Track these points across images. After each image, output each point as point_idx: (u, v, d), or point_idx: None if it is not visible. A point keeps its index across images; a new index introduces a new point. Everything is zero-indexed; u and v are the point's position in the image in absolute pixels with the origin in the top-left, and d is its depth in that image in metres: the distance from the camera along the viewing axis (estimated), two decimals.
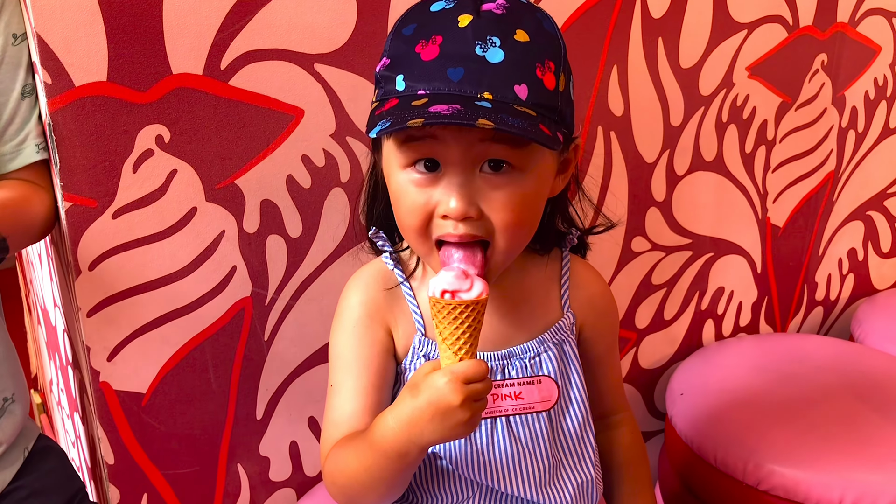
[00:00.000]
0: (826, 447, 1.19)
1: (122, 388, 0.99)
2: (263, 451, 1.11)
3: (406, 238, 0.80)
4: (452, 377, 0.70)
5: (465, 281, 0.72)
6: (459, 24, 0.72)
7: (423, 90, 0.71)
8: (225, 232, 1.00)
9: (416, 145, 0.73)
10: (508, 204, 0.74)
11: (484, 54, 0.71)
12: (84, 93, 0.87)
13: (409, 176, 0.75)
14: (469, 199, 0.73)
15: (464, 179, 0.73)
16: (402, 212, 0.76)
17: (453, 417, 0.70)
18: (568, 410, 0.87)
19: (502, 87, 0.71)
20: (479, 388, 0.71)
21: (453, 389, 0.69)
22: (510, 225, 0.75)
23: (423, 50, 0.72)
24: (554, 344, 0.86)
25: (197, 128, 0.94)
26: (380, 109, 0.73)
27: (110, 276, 0.95)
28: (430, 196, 0.74)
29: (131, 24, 0.88)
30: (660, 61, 1.26)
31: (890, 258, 1.74)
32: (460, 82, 0.71)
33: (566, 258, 0.90)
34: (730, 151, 1.40)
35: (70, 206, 0.90)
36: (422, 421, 0.71)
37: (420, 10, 0.76)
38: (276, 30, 0.95)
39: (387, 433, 0.73)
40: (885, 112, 1.58)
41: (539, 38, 0.74)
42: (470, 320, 0.71)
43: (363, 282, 0.85)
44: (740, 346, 1.49)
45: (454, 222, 0.73)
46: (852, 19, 1.45)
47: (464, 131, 0.71)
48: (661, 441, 1.51)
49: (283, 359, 1.09)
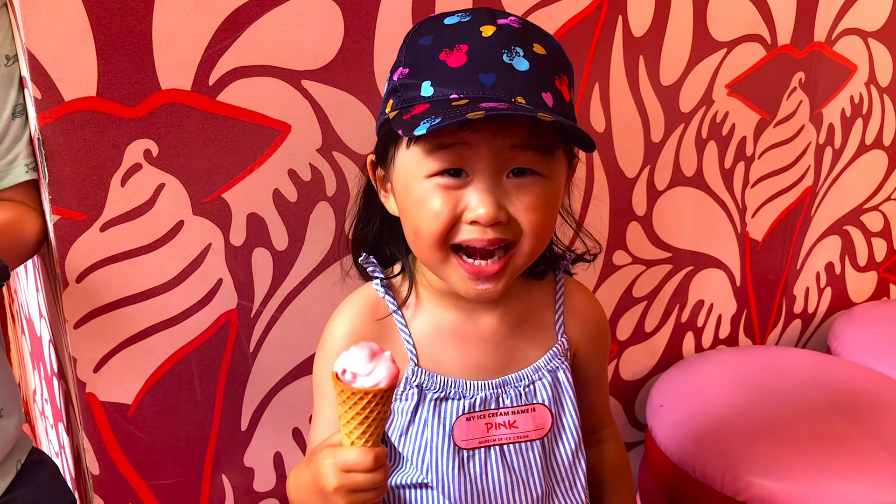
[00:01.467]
0: (803, 458, 1.21)
1: (108, 399, 1.00)
2: (248, 462, 1.12)
3: (419, 249, 0.78)
4: (333, 462, 0.69)
5: (367, 364, 0.67)
6: (483, 34, 0.73)
7: (455, 94, 0.71)
8: (211, 245, 1.01)
9: (446, 153, 0.73)
10: (535, 205, 0.75)
11: (511, 62, 0.72)
12: (73, 108, 0.88)
13: (435, 181, 0.74)
14: (498, 203, 0.73)
15: (493, 184, 0.73)
16: (425, 216, 0.75)
17: (329, 499, 0.70)
18: (561, 438, 0.87)
19: (532, 93, 0.72)
20: (360, 479, 0.69)
21: (331, 474, 0.69)
22: (537, 226, 0.75)
23: (448, 57, 0.73)
24: (549, 371, 0.86)
25: (185, 142, 0.96)
26: (408, 114, 0.72)
27: (97, 288, 0.95)
28: (457, 200, 0.74)
29: (121, 40, 0.89)
30: (641, 79, 1.28)
31: (866, 272, 1.78)
32: (494, 87, 0.71)
33: (560, 281, 0.90)
34: (709, 167, 1.42)
35: (58, 219, 0.91)
36: (308, 490, 0.74)
37: (434, 23, 0.77)
38: (263, 46, 0.97)
39: (290, 489, 0.80)
40: (861, 129, 1.62)
41: (553, 52, 0.76)
42: (360, 408, 0.67)
43: (351, 311, 0.84)
44: (719, 358, 1.51)
45: (482, 227, 0.73)
46: (829, 39, 1.48)
47: (496, 138, 0.72)
48: (641, 452, 1.53)
49: (268, 370, 1.10)
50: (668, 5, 1.26)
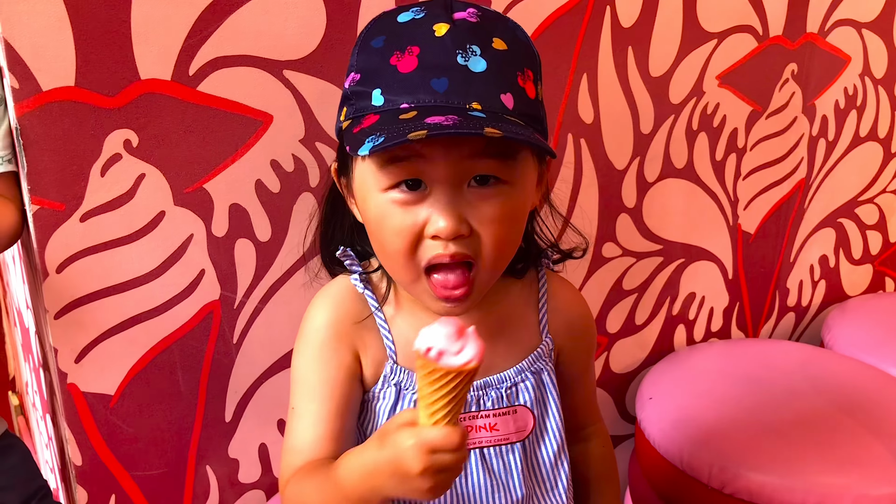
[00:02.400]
0: (791, 451, 1.21)
1: (90, 390, 1.00)
2: (233, 454, 1.12)
3: (389, 266, 0.76)
4: (418, 442, 0.64)
5: (455, 342, 0.63)
6: (436, 34, 0.69)
7: (406, 103, 0.68)
8: (193, 235, 1.01)
9: (402, 165, 0.69)
10: (498, 217, 0.71)
11: (466, 63, 0.68)
12: (52, 97, 0.88)
13: (391, 197, 0.71)
14: (459, 216, 0.69)
15: (452, 196, 0.70)
16: (387, 235, 0.72)
17: (412, 483, 0.65)
18: (543, 440, 0.85)
19: (489, 96, 0.68)
20: (447, 459, 0.64)
21: (415, 455, 0.63)
22: (500, 239, 0.72)
23: (399, 62, 0.69)
24: (532, 373, 0.84)
25: (165, 133, 0.95)
26: (358, 127, 0.69)
27: (78, 278, 0.95)
28: (416, 216, 0.70)
29: (99, 29, 0.89)
30: (630, 70, 1.27)
31: (861, 265, 1.77)
32: (447, 93, 0.67)
33: (543, 279, 0.87)
34: (700, 159, 1.42)
35: (37, 209, 0.91)
36: (381, 475, 0.66)
37: (386, 21, 0.73)
38: (244, 36, 0.97)
39: (351, 475, 0.70)
40: (855, 121, 1.61)
41: (515, 46, 0.72)
42: (450, 388, 0.63)
43: (331, 300, 0.81)
44: (711, 350, 1.50)
45: (444, 242, 0.70)
46: (822, 30, 1.47)
47: (453, 147, 0.68)
48: (632, 445, 1.52)
49: (252, 362, 1.09)
50: None
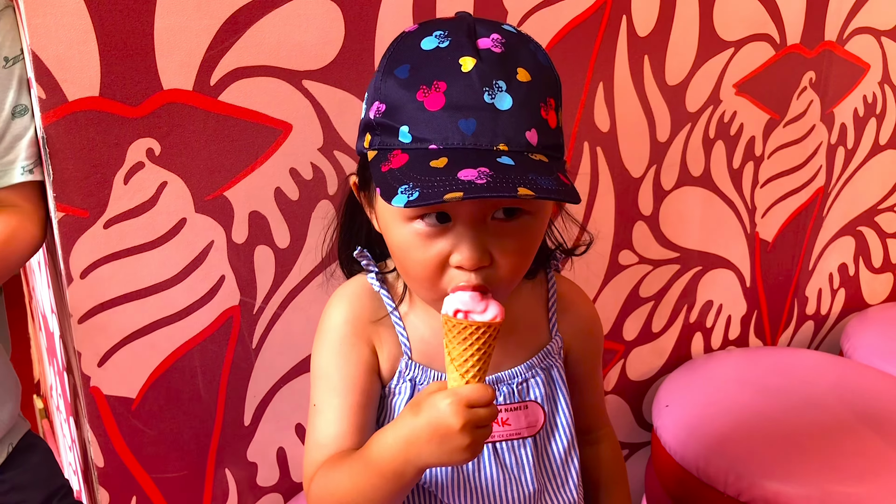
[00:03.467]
0: (808, 460, 1.20)
1: (112, 393, 1.02)
2: (251, 457, 1.14)
3: (412, 287, 0.79)
4: (455, 399, 0.67)
5: (479, 302, 0.70)
6: (463, 69, 0.69)
7: (434, 145, 0.69)
8: (214, 242, 1.03)
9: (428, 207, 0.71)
10: (519, 249, 0.74)
11: (493, 101, 0.69)
12: (77, 107, 0.90)
13: (416, 228, 0.72)
14: (483, 249, 0.71)
15: (476, 230, 0.71)
16: (411, 264, 0.74)
17: (452, 441, 0.67)
18: (554, 435, 0.87)
19: (515, 135, 0.69)
20: (483, 413, 0.68)
21: (455, 412, 0.67)
22: (518, 267, 0.75)
23: (426, 98, 0.69)
24: (542, 369, 0.86)
25: (187, 141, 0.97)
26: (387, 165, 0.70)
27: (101, 284, 0.97)
28: (441, 247, 0.72)
29: (123, 41, 0.91)
30: (646, 78, 1.28)
31: (881, 273, 1.76)
32: (475, 135, 0.68)
33: (552, 280, 0.89)
34: (717, 167, 1.42)
35: (62, 216, 0.93)
36: (420, 441, 0.68)
37: (410, 47, 0.73)
38: (264, 47, 0.98)
39: (384, 451, 0.71)
40: (874, 129, 1.60)
41: (538, 74, 0.72)
42: (480, 343, 0.69)
43: (348, 298, 0.83)
44: (728, 358, 1.50)
45: (468, 274, 0.72)
46: (840, 38, 1.47)
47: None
48: (648, 452, 1.52)
49: (271, 366, 1.11)
50: (673, 5, 1.26)
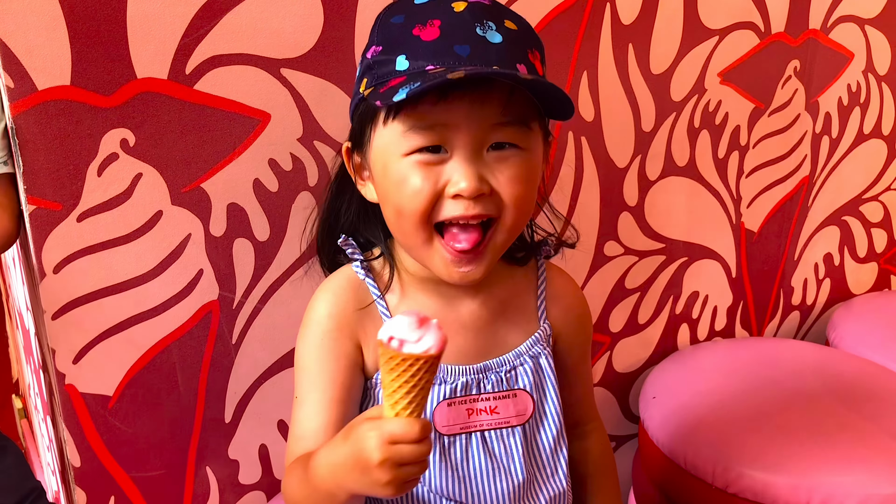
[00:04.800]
0: (795, 450, 1.20)
1: (88, 391, 0.99)
2: (232, 454, 1.12)
3: (402, 230, 0.77)
4: (378, 433, 0.65)
5: (415, 331, 0.64)
6: (455, 10, 0.73)
7: (431, 66, 0.71)
8: (191, 235, 1.00)
9: (424, 133, 0.73)
10: (516, 177, 0.75)
11: (484, 35, 0.72)
12: (47, 97, 0.88)
13: (414, 159, 0.74)
14: (480, 176, 0.73)
15: (473, 158, 0.73)
16: (406, 195, 0.74)
17: (372, 475, 0.65)
18: (542, 424, 0.86)
19: (507, 64, 0.72)
20: (406, 451, 0.64)
21: (375, 446, 0.64)
22: (518, 199, 0.75)
23: (422, 32, 0.73)
24: (530, 357, 0.85)
25: (162, 132, 0.95)
26: (385, 87, 0.72)
27: (75, 278, 0.95)
28: (438, 176, 0.73)
29: (95, 29, 0.88)
30: (630, 67, 1.27)
31: (866, 263, 1.75)
32: (469, 58, 0.71)
33: (542, 268, 0.89)
34: (702, 157, 1.41)
35: (34, 209, 0.91)
36: (345, 468, 0.68)
37: (404, 2, 0.77)
38: (241, 34, 0.96)
39: (319, 469, 0.71)
40: (859, 118, 1.59)
41: (524, 28, 0.76)
42: (408, 376, 0.64)
43: (333, 292, 0.83)
44: (715, 349, 1.49)
45: (466, 203, 0.73)
46: (824, 26, 1.46)
47: (473, 113, 0.72)
48: (635, 444, 1.51)
49: (252, 362, 1.09)
50: None
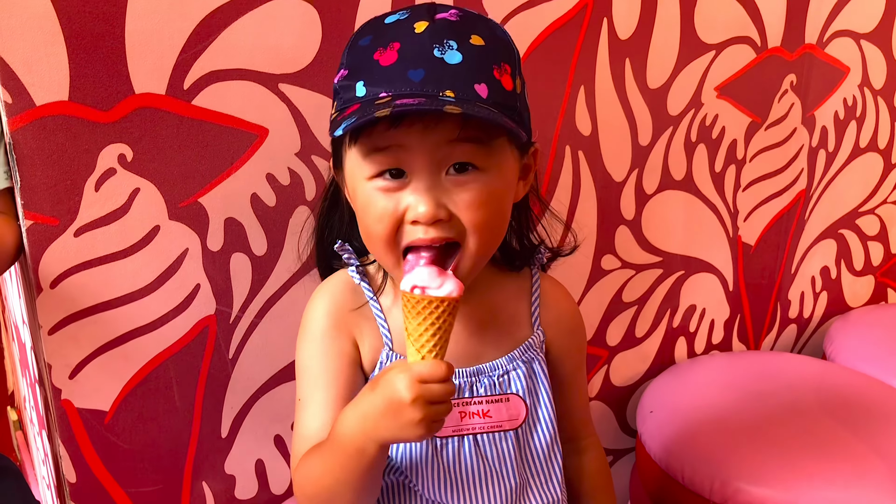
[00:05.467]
0: (793, 465, 1.19)
1: (85, 406, 0.99)
2: (229, 469, 1.11)
3: (373, 250, 0.80)
4: (408, 374, 0.69)
5: (436, 279, 0.71)
6: (416, 30, 0.73)
7: (384, 92, 0.72)
8: (188, 250, 1.00)
9: (382, 156, 0.74)
10: (476, 202, 0.74)
11: (442, 56, 0.72)
12: (45, 112, 0.88)
13: (376, 184, 0.75)
14: (437, 201, 0.73)
15: (430, 183, 0.74)
16: (370, 220, 0.76)
17: (404, 415, 0.69)
18: (536, 429, 0.86)
19: (463, 86, 0.72)
20: (435, 389, 0.69)
21: (406, 386, 0.68)
22: (479, 224, 0.75)
23: (381, 56, 0.73)
24: (523, 362, 0.86)
25: (160, 147, 0.95)
26: (341, 115, 0.74)
27: (72, 293, 0.95)
28: (398, 202, 0.74)
29: (93, 44, 0.88)
30: (627, 81, 1.27)
31: (863, 276, 1.76)
32: (422, 82, 0.71)
33: (536, 276, 0.90)
34: (699, 170, 1.41)
35: (31, 224, 0.91)
36: (375, 415, 0.70)
37: (375, 23, 0.78)
38: (240, 50, 0.96)
39: (345, 428, 0.73)
40: (855, 132, 1.60)
41: (493, 42, 0.75)
42: (434, 318, 0.70)
43: (329, 292, 0.85)
44: (712, 363, 1.49)
45: (424, 227, 0.74)
46: (820, 41, 1.47)
47: (428, 135, 0.72)
48: (632, 459, 1.51)
49: (249, 377, 1.09)
50: (654, 7, 1.25)
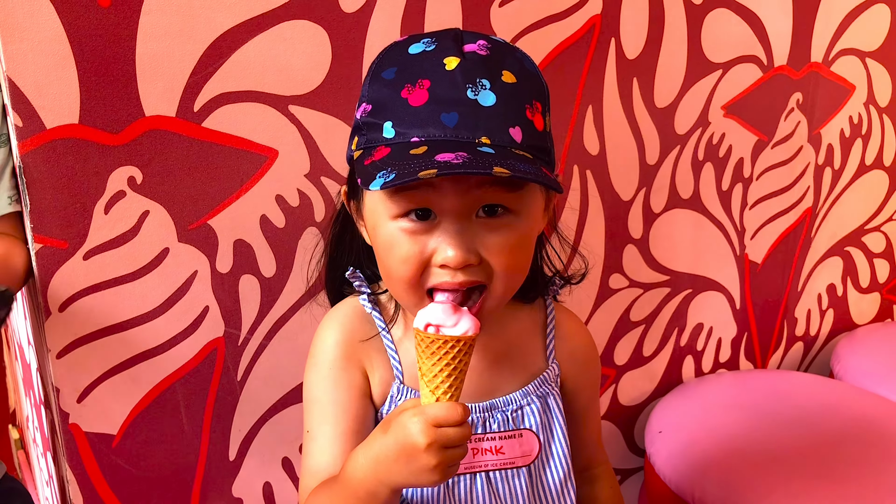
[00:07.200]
0: (803, 484, 1.19)
1: (92, 430, 0.98)
2: (237, 493, 1.10)
3: (394, 290, 0.77)
4: (422, 418, 0.65)
5: (451, 316, 0.68)
6: (447, 67, 0.70)
7: (416, 137, 0.69)
8: (197, 272, 1.00)
9: (411, 194, 0.70)
10: (507, 247, 0.72)
11: (476, 98, 0.69)
12: (55, 135, 0.87)
13: (401, 225, 0.72)
14: (468, 246, 0.70)
15: (461, 227, 0.70)
16: (394, 262, 0.73)
17: (419, 461, 0.66)
18: (549, 465, 0.85)
19: (498, 130, 0.69)
20: (451, 433, 0.65)
21: (421, 430, 0.65)
22: (509, 268, 0.73)
23: (410, 95, 0.70)
24: (538, 396, 0.84)
25: (169, 169, 0.95)
26: (369, 159, 0.70)
27: (81, 317, 0.94)
28: (424, 245, 0.71)
29: (104, 67, 0.88)
30: (635, 101, 1.27)
31: (869, 293, 1.75)
32: (456, 127, 0.68)
33: (550, 308, 0.88)
34: (706, 189, 1.41)
35: (40, 247, 0.90)
36: (388, 460, 0.67)
37: (397, 52, 0.74)
38: (250, 72, 0.96)
39: (356, 471, 0.70)
40: (860, 149, 1.60)
41: (524, 78, 0.73)
42: (449, 358, 0.66)
43: (339, 321, 0.82)
44: (720, 382, 1.48)
45: (452, 271, 0.71)
46: (826, 59, 1.47)
47: (462, 179, 0.69)
48: (640, 479, 1.50)
49: (257, 399, 1.08)
50: (661, 27, 1.26)
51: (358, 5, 1.00)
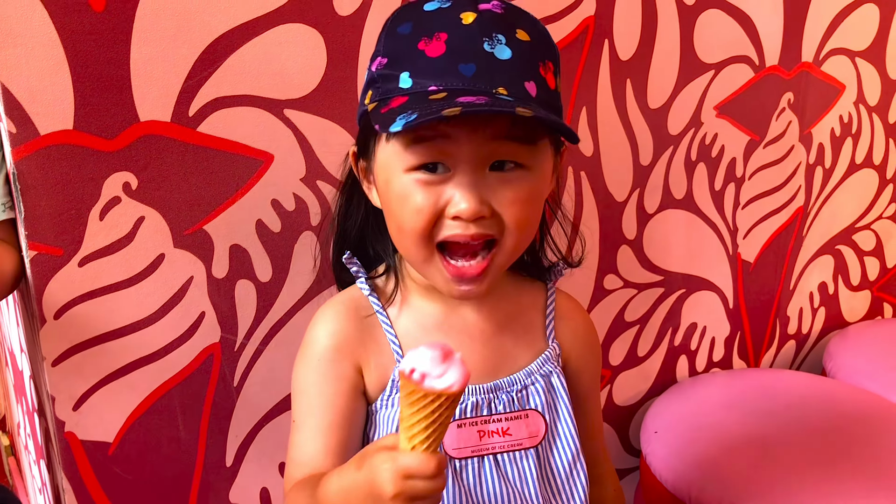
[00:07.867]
0: (799, 484, 1.19)
1: (88, 438, 0.97)
2: (234, 499, 1.10)
3: (403, 245, 0.77)
4: (393, 465, 0.62)
5: (439, 365, 0.62)
6: (463, 21, 0.71)
7: (434, 86, 0.70)
8: (193, 278, 0.99)
9: (427, 146, 0.71)
10: (519, 200, 0.73)
11: (492, 51, 0.70)
12: (49, 141, 0.87)
13: (415, 177, 0.72)
14: (481, 198, 0.71)
15: (474, 179, 0.71)
16: (407, 213, 0.73)
17: None
18: (556, 446, 0.84)
19: (514, 83, 0.70)
20: (420, 487, 0.62)
21: (389, 479, 0.62)
22: (521, 221, 0.73)
23: (427, 47, 0.71)
24: (541, 376, 0.84)
25: (165, 174, 0.94)
26: (386, 107, 0.70)
27: (76, 324, 0.93)
28: (438, 196, 0.72)
29: (98, 72, 0.87)
30: (628, 102, 1.27)
31: (860, 291, 1.76)
32: (474, 77, 0.69)
33: (552, 289, 0.88)
34: (699, 189, 1.41)
35: (35, 254, 0.89)
36: (357, 496, 0.65)
37: (413, 9, 0.75)
38: (245, 76, 0.96)
39: (329, 495, 0.69)
40: (851, 148, 1.61)
41: (537, 38, 0.74)
42: (428, 412, 0.62)
43: (333, 312, 0.82)
44: (714, 382, 1.49)
45: (465, 223, 0.71)
46: (816, 59, 1.48)
47: (477, 130, 0.70)
48: (636, 479, 1.50)
49: (254, 404, 1.07)
50: (654, 28, 1.26)
51: (353, 8, 1.00)
